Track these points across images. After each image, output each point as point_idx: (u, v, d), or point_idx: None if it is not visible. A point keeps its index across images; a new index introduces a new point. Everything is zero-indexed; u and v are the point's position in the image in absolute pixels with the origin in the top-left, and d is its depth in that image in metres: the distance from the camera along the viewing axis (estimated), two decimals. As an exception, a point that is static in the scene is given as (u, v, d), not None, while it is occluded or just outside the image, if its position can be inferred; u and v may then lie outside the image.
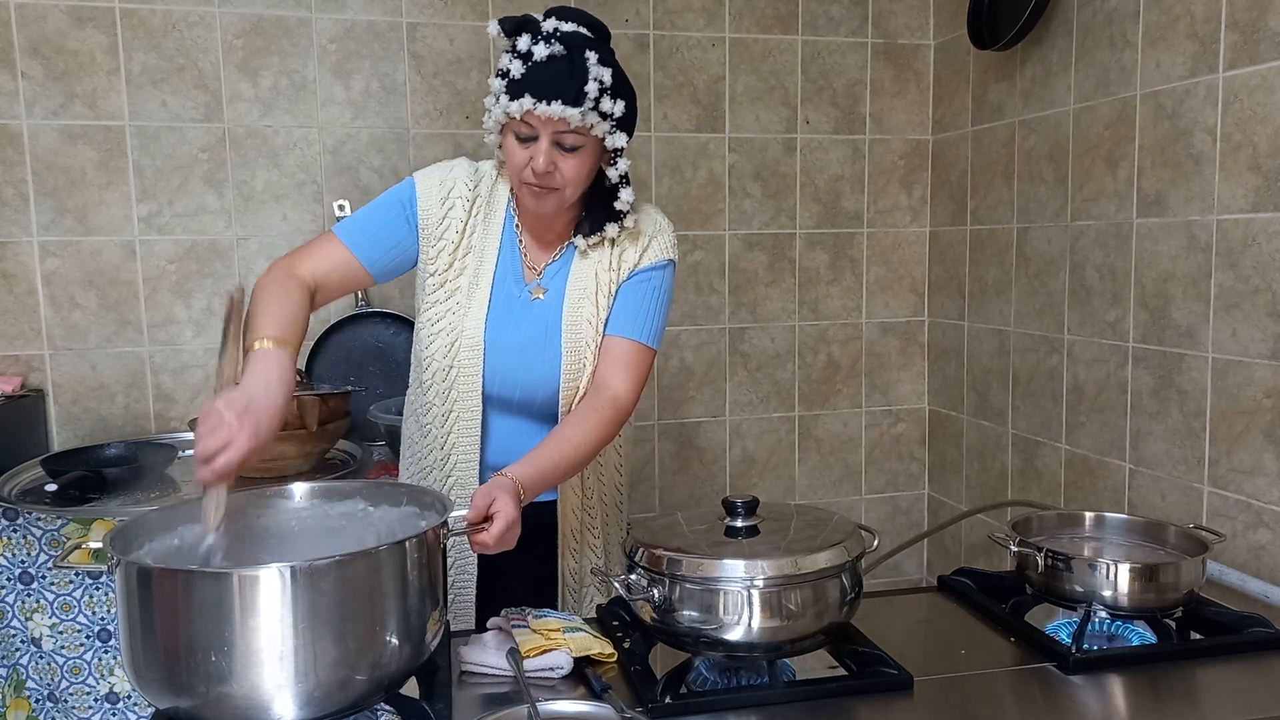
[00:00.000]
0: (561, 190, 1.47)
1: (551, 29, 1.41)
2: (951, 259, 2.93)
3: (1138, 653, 1.40)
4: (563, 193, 1.47)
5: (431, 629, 1.16)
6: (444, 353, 1.54)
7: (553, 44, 1.39)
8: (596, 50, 1.42)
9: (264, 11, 2.48)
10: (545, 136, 1.42)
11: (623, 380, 1.54)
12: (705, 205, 2.84)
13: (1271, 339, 1.87)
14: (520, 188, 1.49)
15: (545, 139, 1.42)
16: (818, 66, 2.88)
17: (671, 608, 1.27)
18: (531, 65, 1.39)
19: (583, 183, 1.49)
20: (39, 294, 2.42)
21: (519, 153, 1.45)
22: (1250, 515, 1.92)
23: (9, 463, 2.18)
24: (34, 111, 2.37)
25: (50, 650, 1.95)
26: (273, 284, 1.41)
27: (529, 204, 1.50)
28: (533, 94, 1.38)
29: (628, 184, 1.53)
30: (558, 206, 1.50)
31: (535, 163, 1.43)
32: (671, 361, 2.87)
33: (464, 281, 1.55)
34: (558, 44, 1.40)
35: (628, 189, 1.53)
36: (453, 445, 1.57)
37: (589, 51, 1.41)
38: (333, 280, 1.50)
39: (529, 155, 1.44)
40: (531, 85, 1.39)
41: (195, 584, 1.01)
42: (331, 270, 1.50)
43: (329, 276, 1.49)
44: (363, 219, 1.54)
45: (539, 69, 1.39)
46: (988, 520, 2.70)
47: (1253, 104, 1.88)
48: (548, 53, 1.39)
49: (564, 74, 1.39)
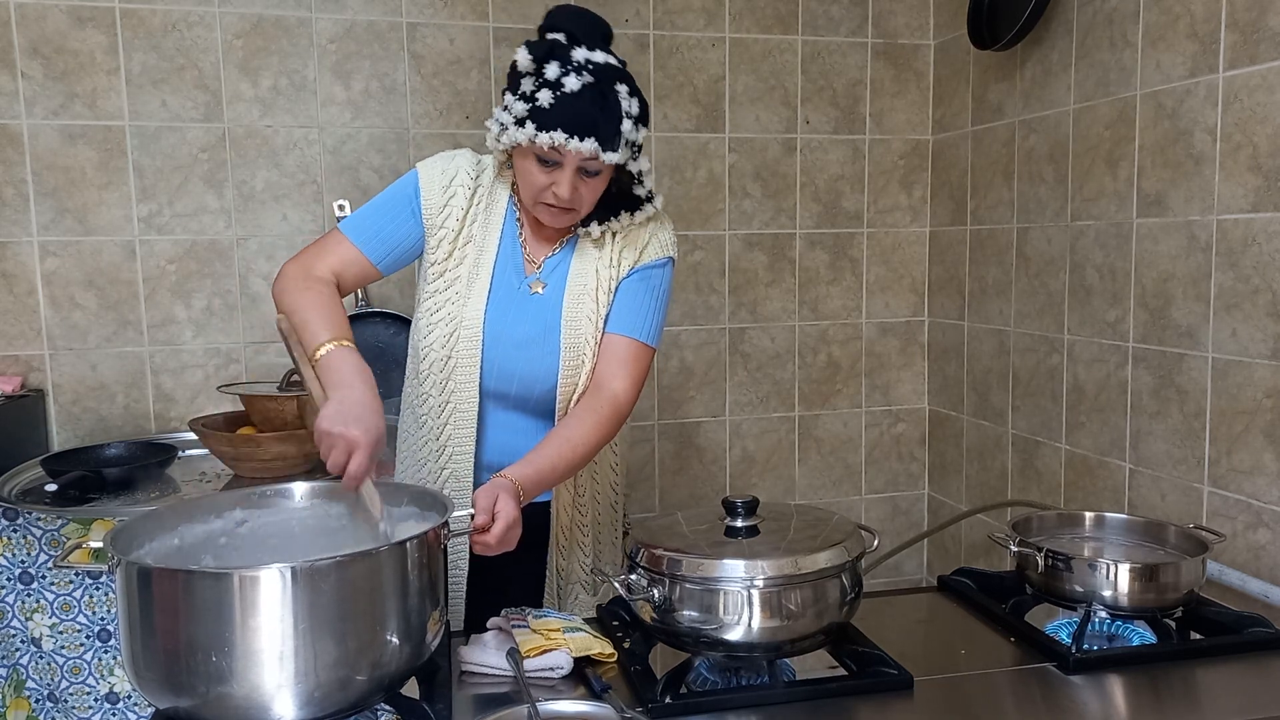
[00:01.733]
0: (579, 209, 1.49)
1: (583, 59, 1.40)
2: (951, 259, 2.93)
3: (1138, 653, 1.40)
4: (579, 211, 1.50)
5: (431, 629, 1.16)
6: (442, 343, 1.55)
7: (584, 75, 1.39)
8: (626, 81, 1.42)
9: (264, 11, 2.48)
10: (570, 166, 1.42)
11: (622, 379, 1.54)
12: (705, 205, 2.84)
13: (1271, 339, 1.87)
14: (535, 206, 1.50)
15: (569, 169, 1.42)
16: (818, 66, 2.88)
17: (671, 608, 1.27)
18: (561, 96, 1.38)
19: (597, 200, 1.51)
20: (39, 294, 2.42)
21: (540, 176, 1.45)
22: (1250, 515, 1.92)
23: (9, 463, 2.18)
24: (34, 111, 2.37)
25: (50, 650, 1.95)
26: (300, 291, 1.43)
27: (545, 220, 1.52)
28: (565, 129, 1.37)
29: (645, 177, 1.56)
30: (573, 222, 1.53)
31: (558, 189, 1.43)
32: (671, 361, 2.87)
33: (464, 271, 1.55)
34: (588, 75, 1.39)
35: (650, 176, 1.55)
36: (448, 438, 1.57)
37: (619, 85, 1.41)
38: (347, 277, 1.52)
39: (550, 181, 1.44)
40: (563, 119, 1.38)
41: (195, 584, 1.02)
42: (345, 268, 1.52)
43: (343, 274, 1.52)
44: (369, 216, 1.55)
45: (570, 101, 1.38)
46: (988, 520, 2.70)
47: (1253, 104, 1.88)
48: (580, 84, 1.38)
49: (597, 109, 1.38)
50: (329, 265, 1.50)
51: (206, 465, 2.28)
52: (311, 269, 1.48)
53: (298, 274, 1.46)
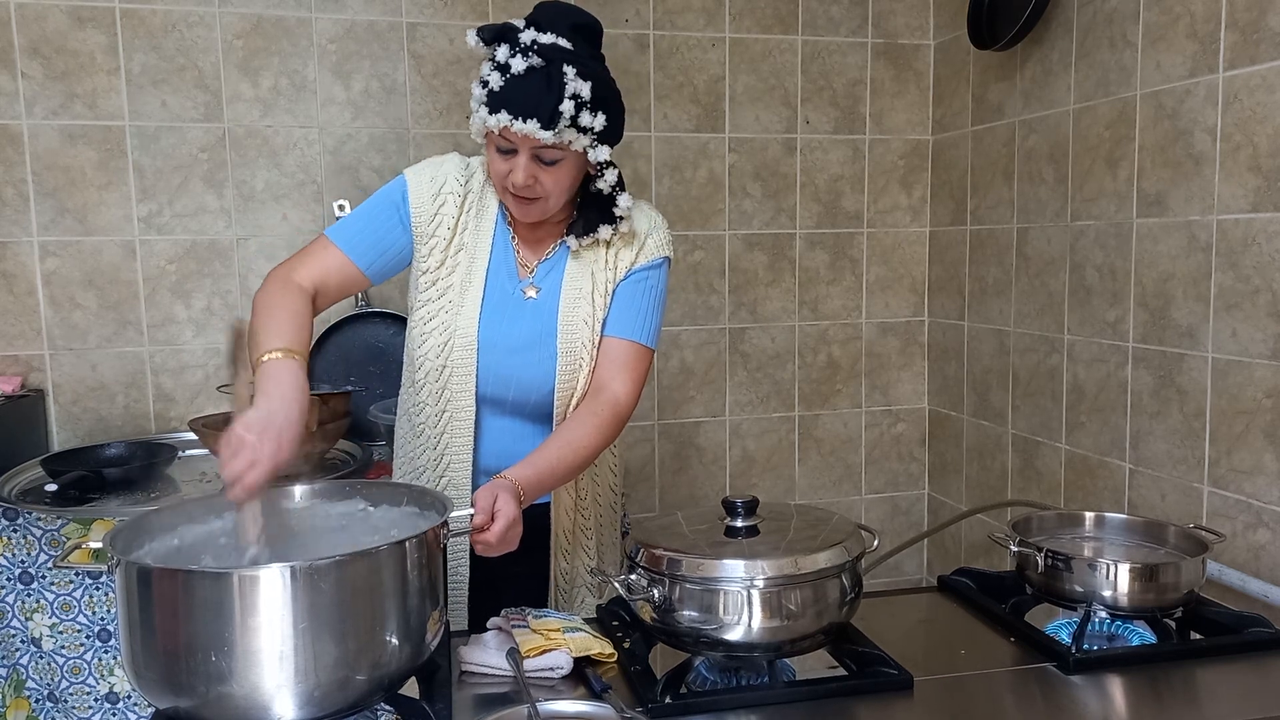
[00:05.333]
0: (545, 199, 1.47)
1: (529, 41, 1.38)
2: (951, 259, 2.93)
3: (1138, 653, 1.40)
4: (545, 202, 1.47)
5: (431, 629, 1.16)
6: (437, 351, 1.54)
7: (530, 57, 1.37)
8: (575, 63, 1.39)
9: (264, 11, 2.48)
10: (524, 151, 1.41)
11: (622, 382, 1.54)
12: (705, 205, 2.84)
13: (1271, 339, 1.87)
14: (503, 195, 1.49)
15: (524, 154, 1.41)
16: (818, 66, 2.88)
17: (671, 608, 1.27)
18: (509, 79, 1.37)
19: (565, 192, 1.48)
20: (39, 294, 2.42)
21: (500, 164, 1.44)
22: (1250, 515, 1.92)
23: (9, 463, 2.17)
24: (34, 111, 2.37)
25: (50, 650, 1.95)
26: (271, 295, 1.41)
27: (515, 213, 1.51)
28: (509, 110, 1.36)
29: (623, 189, 1.53)
30: (542, 214, 1.50)
31: (514, 176, 1.42)
32: (671, 361, 2.87)
33: (456, 279, 1.54)
34: (535, 57, 1.37)
35: (624, 195, 1.52)
36: (446, 445, 1.56)
37: (567, 66, 1.38)
38: (331, 285, 1.50)
39: (509, 168, 1.43)
40: (508, 101, 1.37)
41: (195, 584, 1.01)
42: (328, 275, 1.49)
43: (327, 281, 1.49)
44: (356, 222, 1.54)
45: (516, 84, 1.37)
46: (988, 520, 2.70)
47: (1253, 104, 1.88)
48: (525, 66, 1.36)
49: (540, 90, 1.36)
50: (311, 273, 1.47)
51: (206, 465, 2.28)
52: (291, 275, 1.46)
53: (277, 280, 1.44)
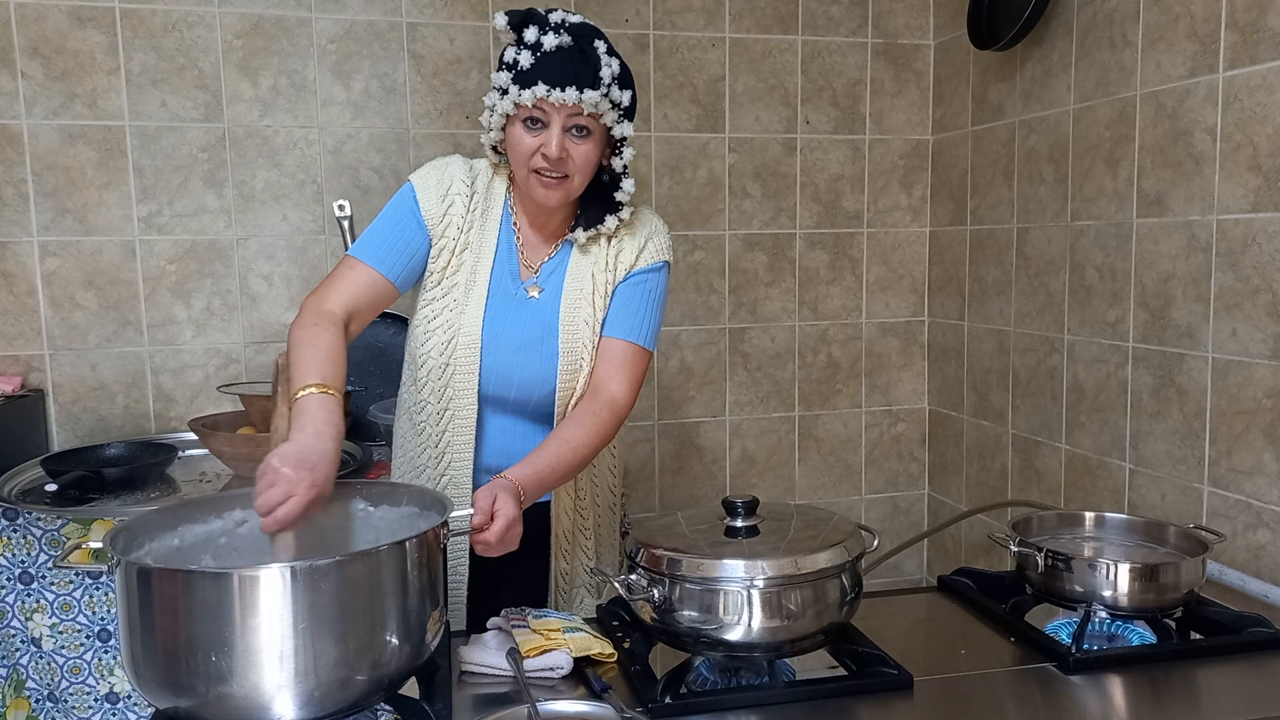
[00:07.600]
0: (571, 179, 1.47)
1: (560, 20, 1.44)
2: (951, 259, 2.93)
3: (1138, 653, 1.40)
4: (571, 181, 1.48)
5: (431, 629, 1.16)
6: (440, 350, 1.54)
7: (561, 34, 1.42)
8: (604, 41, 1.46)
9: (264, 11, 2.48)
10: (557, 123, 1.43)
11: (620, 382, 1.54)
12: (705, 205, 2.84)
13: (1271, 339, 1.87)
14: (528, 178, 1.49)
15: (557, 125, 1.43)
16: (818, 66, 2.88)
17: (671, 608, 1.27)
18: (542, 55, 1.41)
19: (590, 172, 1.50)
20: (39, 294, 2.42)
21: (528, 140, 1.45)
22: (1250, 515, 1.92)
23: (9, 463, 2.17)
24: (34, 111, 2.37)
25: (50, 650, 1.95)
26: (305, 329, 1.40)
27: (538, 195, 1.49)
28: (546, 81, 1.40)
29: (628, 175, 1.55)
30: (564, 198, 1.50)
31: (547, 149, 1.43)
32: (671, 361, 2.87)
33: (461, 278, 1.55)
34: (566, 34, 1.42)
35: (629, 180, 1.54)
36: (447, 444, 1.57)
37: (598, 41, 1.45)
38: (363, 304, 1.50)
39: (539, 143, 1.44)
40: (544, 73, 1.41)
41: (195, 584, 1.02)
42: (359, 296, 1.49)
43: (358, 302, 1.49)
44: (376, 236, 1.53)
45: (550, 58, 1.41)
46: (988, 520, 2.70)
47: (1253, 104, 1.88)
48: (557, 42, 1.41)
49: (577, 61, 1.42)
50: (341, 298, 1.47)
51: (206, 465, 2.28)
52: (323, 304, 1.46)
53: (310, 312, 1.44)
